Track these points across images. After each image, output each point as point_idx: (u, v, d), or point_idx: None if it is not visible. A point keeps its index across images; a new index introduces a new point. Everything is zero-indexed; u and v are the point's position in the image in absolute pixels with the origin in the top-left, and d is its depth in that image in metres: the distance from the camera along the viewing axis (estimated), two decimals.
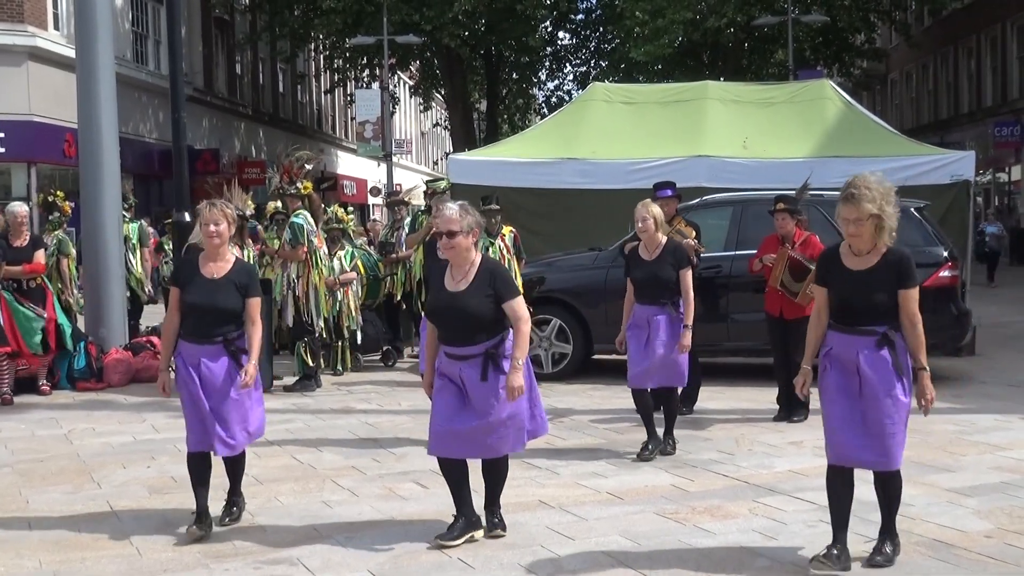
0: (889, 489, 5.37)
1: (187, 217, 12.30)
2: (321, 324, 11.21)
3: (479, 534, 5.86)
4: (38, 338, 10.79)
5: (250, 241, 12.32)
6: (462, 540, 5.76)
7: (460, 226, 5.69)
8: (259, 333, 6.10)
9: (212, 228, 6.02)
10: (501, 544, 5.76)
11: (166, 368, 6.21)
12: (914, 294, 5.23)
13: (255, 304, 6.10)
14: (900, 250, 5.30)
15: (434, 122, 57.64)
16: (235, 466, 6.24)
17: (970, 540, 5.74)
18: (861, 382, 5.21)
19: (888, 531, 5.39)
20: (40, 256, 11.08)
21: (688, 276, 7.93)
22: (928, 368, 5.25)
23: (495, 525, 5.93)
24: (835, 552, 5.23)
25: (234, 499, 6.29)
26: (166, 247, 15.06)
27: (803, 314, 9.11)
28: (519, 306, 5.73)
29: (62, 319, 11.19)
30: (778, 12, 29.93)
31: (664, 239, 8.02)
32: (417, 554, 5.64)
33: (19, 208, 11.30)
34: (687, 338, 7.87)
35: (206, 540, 5.92)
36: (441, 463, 5.88)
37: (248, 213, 12.51)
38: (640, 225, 7.93)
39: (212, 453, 6.04)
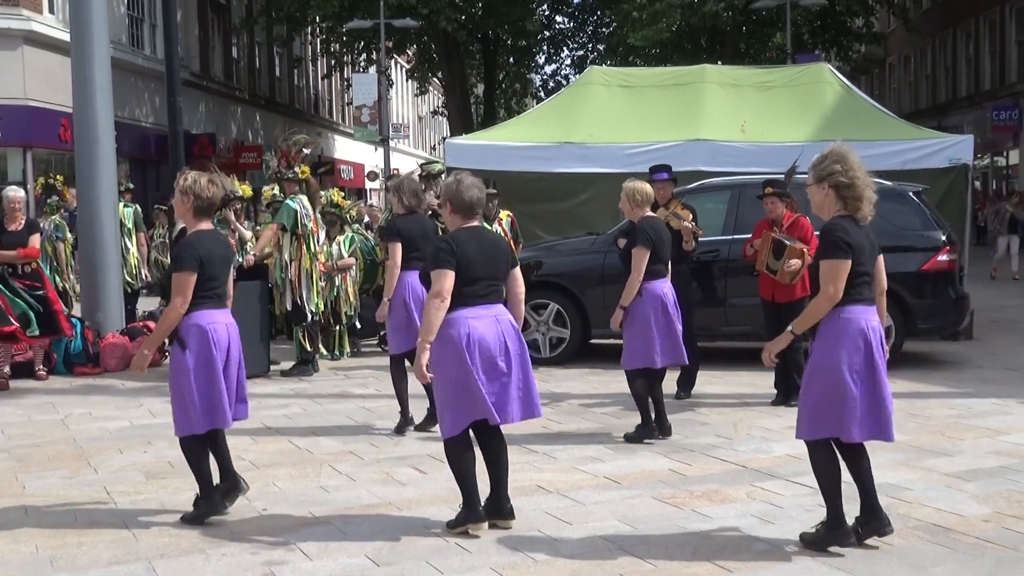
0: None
1: None
2: (314, 308, 11.12)
3: (477, 529, 5.71)
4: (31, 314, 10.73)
5: (241, 228, 12.29)
6: (457, 529, 5.73)
7: None
8: (166, 313, 5.90)
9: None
10: (499, 529, 5.75)
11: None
12: (822, 266, 5.27)
13: (172, 280, 5.87)
14: (825, 223, 5.37)
15: (432, 108, 57.50)
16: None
17: (968, 524, 5.74)
18: None
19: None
20: (35, 241, 11.04)
21: (636, 254, 7.77)
22: (794, 332, 5.49)
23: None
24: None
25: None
26: (158, 232, 15.07)
27: (794, 297, 9.10)
28: None
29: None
30: None
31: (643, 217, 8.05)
32: (415, 539, 5.63)
33: (14, 192, 11.26)
34: (614, 317, 7.85)
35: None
36: None
37: (239, 194, 12.50)
38: (619, 205, 8.09)
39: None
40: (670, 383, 9.46)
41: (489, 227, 11.07)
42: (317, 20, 34.64)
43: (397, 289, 8.13)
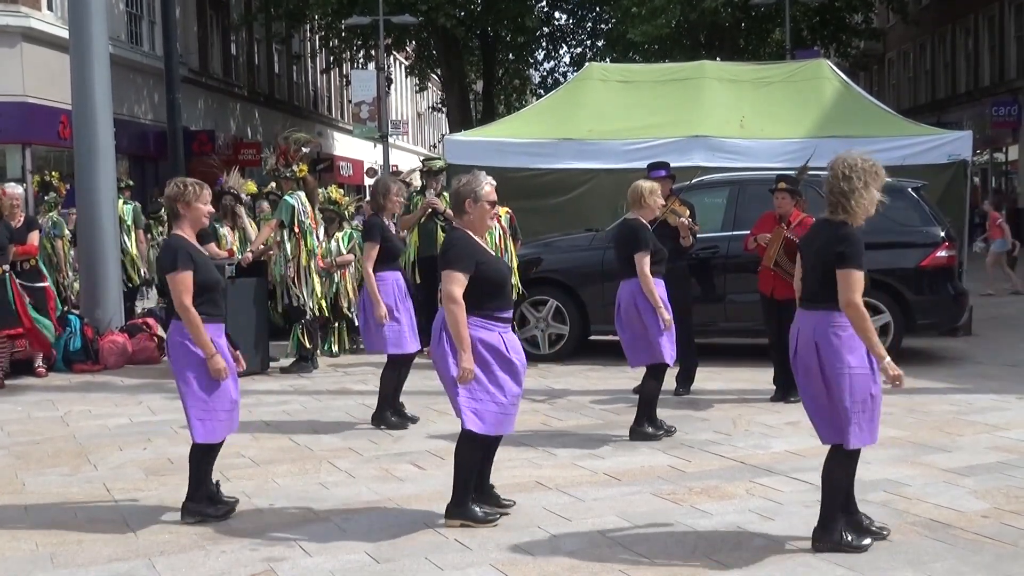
0: None
1: None
2: (311, 305, 11.10)
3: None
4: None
5: (247, 225, 12.30)
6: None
7: None
8: None
9: (209, 208, 6.08)
10: (498, 525, 5.76)
11: (216, 353, 5.81)
12: None
13: None
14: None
15: (431, 105, 57.49)
16: None
17: (967, 520, 5.74)
18: None
19: None
20: (34, 238, 11.04)
21: None
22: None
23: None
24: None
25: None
26: (154, 231, 15.04)
27: (794, 294, 9.09)
28: None
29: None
30: None
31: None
32: (414, 535, 5.64)
33: (12, 189, 11.26)
34: None
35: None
36: (492, 442, 5.87)
37: (245, 196, 12.52)
38: None
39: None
40: (667, 381, 9.51)
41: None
42: (316, 17, 34.61)
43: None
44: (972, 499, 6.14)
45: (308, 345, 11.11)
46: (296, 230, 10.92)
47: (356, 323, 12.52)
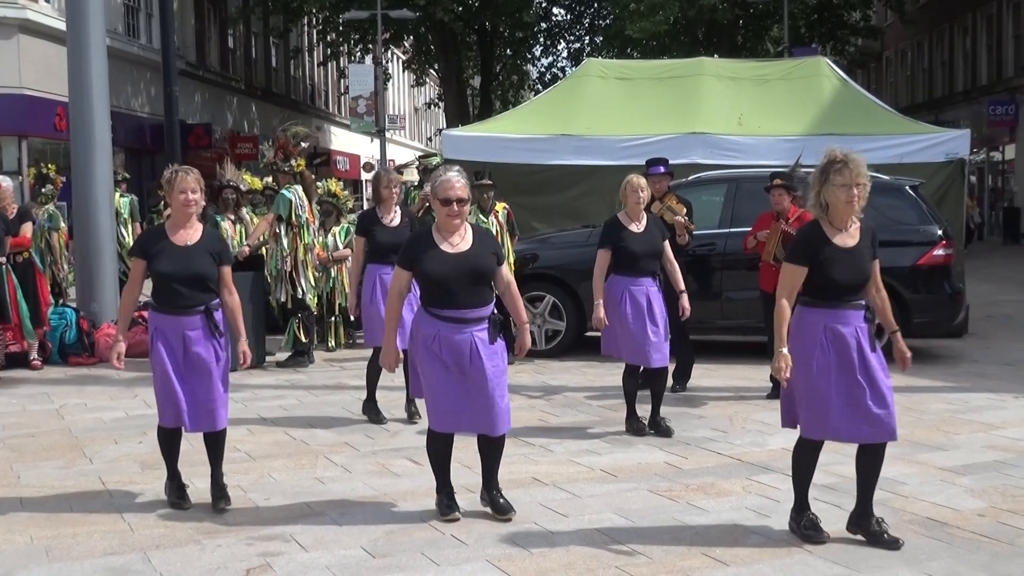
0: (879, 460, 5.45)
1: None
2: (309, 298, 11.09)
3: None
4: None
5: (246, 216, 12.28)
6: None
7: (467, 194, 5.76)
8: (239, 304, 6.16)
9: (190, 196, 5.95)
10: (494, 521, 5.75)
11: (123, 340, 5.97)
12: (878, 263, 5.46)
13: (230, 272, 6.11)
14: (868, 221, 5.44)
15: (428, 100, 57.46)
16: (219, 444, 6.12)
17: (963, 519, 5.74)
18: (858, 356, 5.27)
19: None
20: (27, 230, 11.01)
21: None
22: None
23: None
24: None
25: (219, 480, 6.13)
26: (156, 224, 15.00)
27: None
28: (508, 270, 6.01)
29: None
30: None
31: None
32: (410, 530, 5.63)
33: (3, 182, 11.23)
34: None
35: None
36: (443, 438, 5.86)
37: (244, 188, 12.49)
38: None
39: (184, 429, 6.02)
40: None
41: (485, 219, 11.08)
42: (314, 11, 34.56)
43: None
44: (969, 498, 6.14)
45: (304, 340, 11.10)
46: (294, 224, 10.91)
47: (352, 318, 12.53)
